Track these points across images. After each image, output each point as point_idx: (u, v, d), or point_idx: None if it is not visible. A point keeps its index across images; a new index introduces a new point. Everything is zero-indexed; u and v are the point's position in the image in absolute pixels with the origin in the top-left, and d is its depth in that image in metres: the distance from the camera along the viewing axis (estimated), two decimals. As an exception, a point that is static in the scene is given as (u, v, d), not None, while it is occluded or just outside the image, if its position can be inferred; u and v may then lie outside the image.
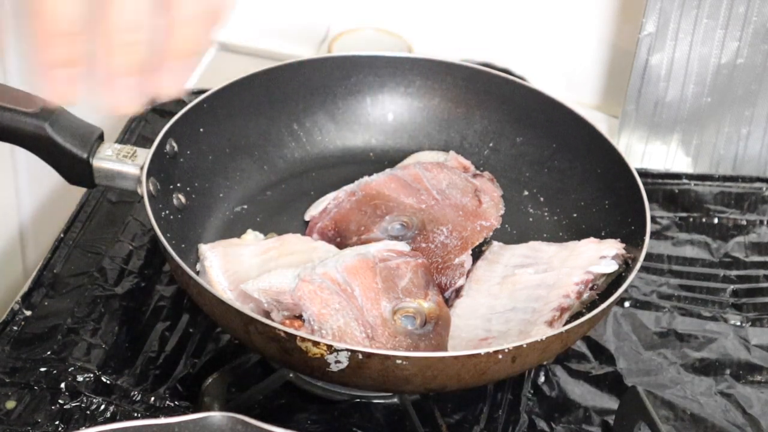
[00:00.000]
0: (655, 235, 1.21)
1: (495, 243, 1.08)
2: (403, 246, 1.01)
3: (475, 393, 1.02)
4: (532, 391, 1.04)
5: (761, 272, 1.18)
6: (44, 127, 0.97)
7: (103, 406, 0.98)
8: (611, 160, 1.09)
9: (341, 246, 1.04)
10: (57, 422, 0.96)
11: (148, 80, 0.70)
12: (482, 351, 0.87)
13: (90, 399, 0.98)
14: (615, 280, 1.01)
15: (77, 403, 0.98)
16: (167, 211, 1.03)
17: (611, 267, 1.01)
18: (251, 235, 1.06)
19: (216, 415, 0.78)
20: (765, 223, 1.24)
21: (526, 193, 1.15)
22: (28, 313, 1.05)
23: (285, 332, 0.87)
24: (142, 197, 0.99)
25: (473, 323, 0.99)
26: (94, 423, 0.96)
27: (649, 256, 1.16)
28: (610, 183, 1.09)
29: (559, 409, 1.03)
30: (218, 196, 1.10)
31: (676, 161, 1.34)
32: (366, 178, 1.12)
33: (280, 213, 1.11)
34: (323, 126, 1.18)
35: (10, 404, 0.97)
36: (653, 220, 1.21)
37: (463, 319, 0.99)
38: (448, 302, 1.01)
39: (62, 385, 0.99)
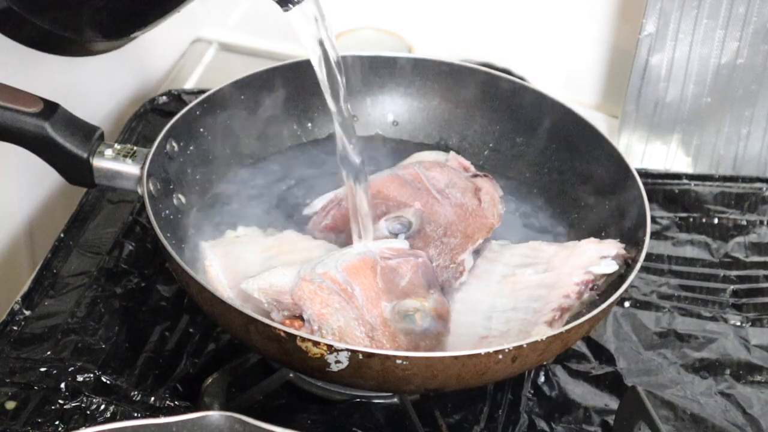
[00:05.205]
0: (655, 235, 1.21)
1: (494, 242, 1.07)
2: (403, 244, 1.01)
3: (475, 393, 1.02)
4: (532, 391, 1.04)
5: (761, 272, 1.18)
6: (44, 127, 0.97)
7: (103, 406, 0.98)
8: (611, 160, 1.09)
9: (341, 245, 1.04)
10: (57, 422, 0.96)
11: None
12: (482, 351, 0.87)
13: (90, 399, 0.98)
14: (615, 280, 1.01)
15: (77, 403, 0.98)
16: (167, 211, 1.03)
17: (611, 267, 1.01)
18: (243, 231, 1.06)
19: (214, 415, 0.78)
20: (765, 223, 1.24)
21: (526, 193, 1.15)
22: (28, 313, 1.05)
23: (285, 332, 0.87)
24: (142, 197, 0.99)
25: (474, 320, 0.99)
26: (94, 423, 0.96)
27: (649, 256, 1.16)
28: (610, 183, 1.09)
29: (559, 409, 1.03)
30: (218, 195, 1.10)
31: (676, 161, 1.34)
32: (366, 178, 1.12)
33: (280, 211, 1.11)
34: (323, 126, 1.18)
35: (10, 404, 0.97)
36: (653, 220, 1.21)
37: (463, 316, 0.99)
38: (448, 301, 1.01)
39: (62, 385, 0.99)
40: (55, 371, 1.00)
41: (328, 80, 0.99)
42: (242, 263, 1.00)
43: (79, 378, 0.99)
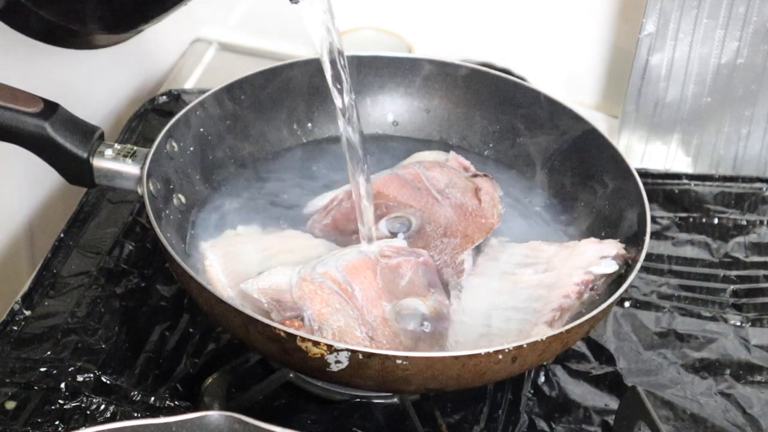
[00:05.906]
0: (655, 235, 1.21)
1: (494, 239, 1.07)
2: (401, 242, 1.01)
3: (475, 393, 1.02)
4: (532, 391, 1.04)
5: (761, 272, 1.18)
6: (44, 127, 0.97)
7: (103, 406, 0.98)
8: (611, 160, 1.09)
9: (341, 244, 1.04)
10: (57, 422, 0.96)
11: None
12: (482, 351, 0.87)
13: (90, 399, 0.98)
14: (615, 280, 1.01)
15: (77, 403, 0.98)
16: (167, 211, 1.03)
17: (611, 267, 1.01)
18: (243, 230, 1.06)
19: (214, 414, 0.78)
20: (765, 223, 1.24)
21: (526, 193, 1.15)
22: (28, 313, 1.05)
23: (285, 332, 0.87)
24: (142, 197, 0.99)
25: (474, 319, 0.99)
26: (94, 423, 0.96)
27: (649, 256, 1.16)
28: (610, 183, 1.09)
29: (559, 409, 1.03)
30: (218, 195, 1.10)
31: (676, 161, 1.34)
32: (366, 178, 1.12)
33: (280, 211, 1.11)
34: (323, 126, 1.18)
35: (10, 404, 0.97)
36: (653, 220, 1.21)
37: (463, 315, 0.99)
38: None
39: (62, 385, 0.99)
40: (55, 371, 1.00)
41: (333, 73, 0.99)
42: (242, 263, 1.00)
43: (79, 378, 0.99)
